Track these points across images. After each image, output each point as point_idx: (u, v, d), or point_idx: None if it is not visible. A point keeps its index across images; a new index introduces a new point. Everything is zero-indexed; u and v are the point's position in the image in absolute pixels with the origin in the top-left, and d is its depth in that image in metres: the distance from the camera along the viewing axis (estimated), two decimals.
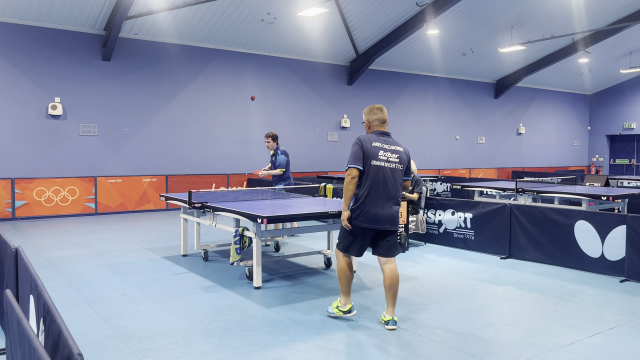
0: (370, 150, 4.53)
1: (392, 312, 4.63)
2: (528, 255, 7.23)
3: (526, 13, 14.65)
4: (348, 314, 4.77)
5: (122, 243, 8.57)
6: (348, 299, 4.77)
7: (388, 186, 4.55)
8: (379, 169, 4.53)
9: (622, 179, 13.23)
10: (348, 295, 4.77)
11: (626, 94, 22.79)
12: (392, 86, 17.33)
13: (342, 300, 4.79)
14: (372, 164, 4.52)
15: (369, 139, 4.60)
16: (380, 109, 4.77)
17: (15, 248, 3.62)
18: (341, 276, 4.75)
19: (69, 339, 1.95)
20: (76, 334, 4.37)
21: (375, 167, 4.53)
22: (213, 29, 12.93)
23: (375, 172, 4.52)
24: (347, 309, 4.77)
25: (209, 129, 13.79)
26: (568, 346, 4.19)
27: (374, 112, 4.76)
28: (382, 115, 4.73)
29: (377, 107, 4.77)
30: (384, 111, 4.76)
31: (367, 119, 4.79)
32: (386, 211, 4.53)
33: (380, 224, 4.54)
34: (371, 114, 4.76)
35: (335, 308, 4.81)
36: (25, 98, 11.41)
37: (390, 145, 4.65)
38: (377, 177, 4.52)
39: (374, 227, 4.54)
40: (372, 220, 4.52)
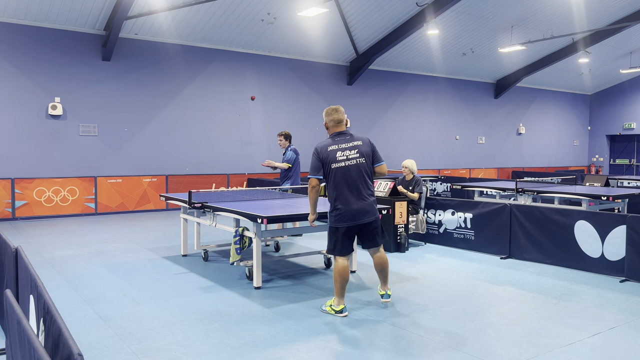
0: (327, 156, 4.80)
1: (386, 287, 5.18)
2: (528, 255, 7.23)
3: (526, 13, 14.65)
4: (340, 313, 4.87)
5: (122, 243, 8.57)
6: (342, 300, 4.90)
7: (355, 182, 4.78)
8: (341, 170, 4.78)
9: (622, 179, 13.23)
10: (342, 297, 4.90)
11: (626, 94, 22.79)
12: (392, 86, 17.33)
13: (336, 301, 4.91)
14: (332, 167, 4.78)
15: (324, 145, 4.86)
16: (336, 109, 4.97)
17: (15, 248, 3.62)
18: (337, 278, 4.87)
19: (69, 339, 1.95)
20: (76, 334, 4.37)
21: (336, 169, 4.78)
22: (213, 29, 12.93)
23: (339, 173, 4.78)
24: (340, 309, 4.89)
25: (209, 129, 13.79)
26: (568, 346, 4.19)
27: (329, 113, 4.98)
28: (338, 115, 4.96)
29: (332, 109, 4.98)
30: (339, 111, 4.97)
31: (325, 122, 5.03)
32: (361, 205, 4.78)
33: (359, 219, 4.79)
34: (328, 116, 4.99)
35: (329, 307, 4.95)
36: (25, 98, 11.42)
37: (347, 143, 4.87)
38: (343, 177, 4.77)
39: (354, 223, 4.80)
40: (350, 218, 4.78)
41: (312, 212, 4.98)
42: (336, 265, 4.90)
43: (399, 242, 7.88)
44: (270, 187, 9.28)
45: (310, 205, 4.95)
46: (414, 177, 8.50)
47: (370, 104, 16.86)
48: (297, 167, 9.00)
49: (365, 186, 4.85)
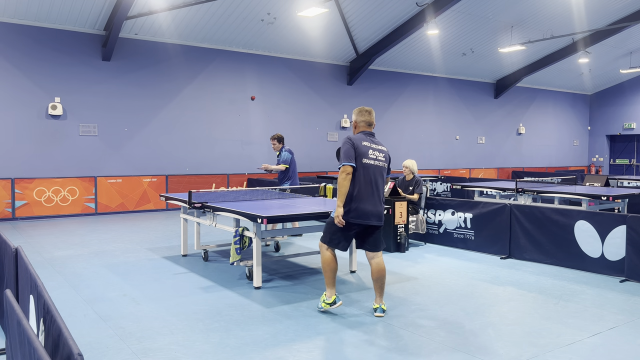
0: (361, 149, 4.75)
1: (381, 301, 4.94)
2: (528, 255, 7.24)
3: (526, 13, 14.65)
4: (333, 305, 4.87)
5: (122, 243, 8.57)
6: (333, 290, 4.88)
7: (377, 183, 4.79)
8: (369, 167, 4.75)
9: (622, 179, 13.23)
10: (333, 287, 4.89)
11: (626, 94, 22.79)
12: (392, 86, 17.34)
13: (327, 293, 4.90)
14: (363, 162, 4.73)
15: (358, 138, 4.82)
16: (369, 112, 4.98)
17: (15, 248, 3.62)
18: (326, 268, 4.87)
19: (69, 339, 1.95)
20: (76, 334, 4.37)
21: (366, 165, 4.74)
22: (213, 29, 12.93)
23: (366, 170, 4.74)
24: (332, 301, 4.87)
25: (209, 129, 13.79)
26: (568, 346, 4.19)
27: (362, 114, 4.96)
28: (370, 118, 4.97)
29: (366, 110, 4.97)
30: (372, 114, 4.99)
31: (355, 119, 5.01)
32: (374, 207, 4.75)
33: (368, 220, 4.74)
34: (360, 115, 4.97)
35: (323, 302, 4.92)
36: (25, 98, 11.42)
37: (377, 145, 4.89)
38: (367, 175, 4.74)
39: (363, 222, 4.73)
40: (361, 216, 4.71)
41: (341, 204, 4.69)
42: (324, 254, 4.88)
43: (399, 242, 7.88)
44: (270, 187, 9.28)
45: (340, 195, 4.67)
46: (414, 177, 8.50)
47: (370, 104, 16.85)
48: (294, 167, 9.05)
49: (381, 191, 4.86)
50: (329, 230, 4.89)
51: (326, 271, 4.88)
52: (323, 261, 4.89)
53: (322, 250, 4.91)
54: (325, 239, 4.90)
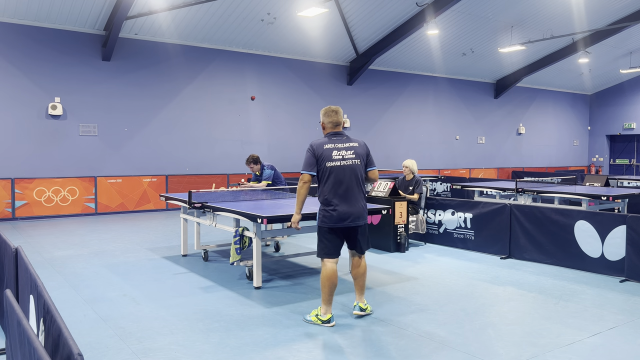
0: (323, 154, 4.62)
1: (362, 300, 4.90)
2: (528, 255, 7.23)
3: (526, 13, 14.65)
4: (327, 323, 4.60)
5: (122, 243, 8.57)
6: (329, 307, 4.65)
7: (349, 184, 4.61)
8: (335, 169, 4.60)
9: (622, 179, 13.23)
10: (330, 304, 4.65)
11: (626, 94, 22.78)
12: (392, 86, 17.33)
13: (323, 309, 4.65)
14: (327, 166, 4.59)
15: (320, 143, 4.69)
16: (336, 111, 4.82)
17: (15, 248, 3.62)
18: (324, 283, 4.64)
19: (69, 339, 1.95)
20: (76, 334, 4.37)
21: (331, 167, 4.60)
22: (213, 29, 12.93)
23: (333, 172, 4.60)
24: (327, 319, 4.62)
25: (209, 129, 13.79)
26: (568, 346, 4.19)
27: (329, 114, 4.81)
28: (337, 118, 4.81)
29: (332, 110, 4.82)
30: (339, 114, 4.82)
31: (322, 121, 4.87)
32: (353, 208, 4.60)
33: (350, 222, 4.61)
34: (326, 117, 4.82)
35: (314, 316, 4.67)
36: (25, 98, 11.41)
37: (343, 144, 4.71)
38: (336, 177, 4.59)
39: (344, 225, 4.61)
40: (340, 219, 4.58)
41: (298, 211, 4.72)
42: (324, 269, 4.66)
43: (399, 242, 7.88)
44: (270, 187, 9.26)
45: (298, 202, 4.68)
46: (414, 177, 8.50)
47: (370, 104, 16.86)
48: (280, 179, 8.84)
49: (359, 189, 4.67)
50: (318, 240, 4.74)
51: (325, 286, 4.64)
52: (323, 275, 4.66)
53: (324, 265, 4.71)
54: (319, 253, 4.74)
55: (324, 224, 4.64)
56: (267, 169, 8.73)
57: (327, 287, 4.63)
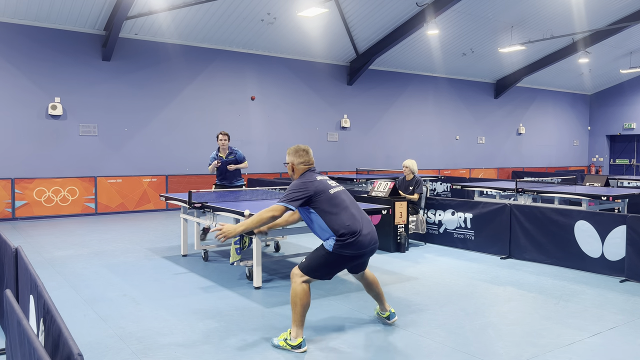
0: (320, 184, 4.19)
1: (388, 305, 4.67)
2: (528, 255, 7.23)
3: (526, 13, 14.65)
4: (297, 349, 4.04)
5: (122, 243, 8.57)
6: (300, 330, 4.09)
7: (357, 206, 4.31)
8: (342, 194, 4.26)
9: (622, 179, 13.23)
10: (302, 326, 4.10)
11: (626, 94, 22.79)
12: (392, 86, 17.33)
13: (294, 332, 4.08)
14: (331, 193, 4.18)
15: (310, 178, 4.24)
16: (307, 151, 4.37)
17: (15, 248, 3.62)
18: (297, 303, 4.06)
19: (69, 339, 1.95)
20: (76, 334, 4.37)
21: (337, 193, 4.22)
22: (213, 29, 12.93)
23: (341, 197, 4.21)
24: (297, 343, 4.04)
25: (209, 129, 13.79)
26: (568, 346, 4.19)
27: (301, 155, 4.34)
28: (309, 157, 4.37)
29: (303, 150, 4.36)
30: (309, 153, 4.39)
31: (292, 162, 4.35)
32: (372, 230, 4.22)
33: (373, 245, 4.21)
34: (298, 157, 4.33)
35: (283, 340, 4.11)
36: (25, 98, 11.42)
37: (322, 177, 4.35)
38: (347, 201, 4.24)
39: (368, 250, 4.17)
40: (367, 244, 4.14)
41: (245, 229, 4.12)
42: (299, 287, 4.07)
43: (399, 242, 7.88)
44: (270, 187, 9.28)
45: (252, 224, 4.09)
46: (415, 177, 8.50)
47: (370, 104, 16.86)
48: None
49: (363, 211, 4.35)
50: (318, 261, 4.14)
51: (297, 306, 4.06)
52: (297, 294, 4.07)
53: (296, 281, 4.11)
54: (311, 270, 4.13)
55: (344, 251, 4.06)
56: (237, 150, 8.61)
57: (298, 306, 4.07)
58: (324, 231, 4.16)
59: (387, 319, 4.60)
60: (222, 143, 8.46)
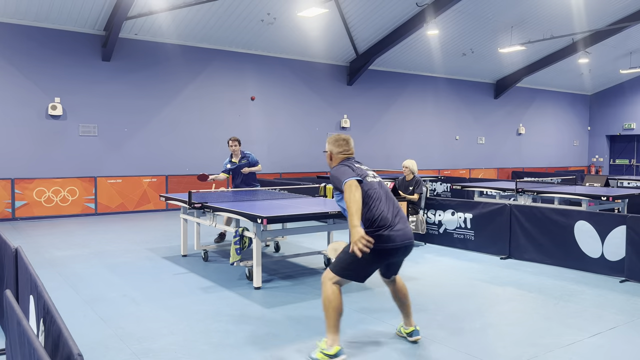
0: (358, 171, 3.99)
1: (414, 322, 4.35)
2: (528, 256, 7.23)
3: (526, 13, 14.65)
4: (335, 358, 3.80)
5: (122, 243, 8.57)
6: (337, 337, 3.84)
7: (394, 200, 4.06)
8: (377, 184, 4.05)
9: (622, 179, 13.23)
10: (337, 332, 3.85)
11: (626, 94, 22.79)
12: (392, 86, 17.33)
13: (329, 340, 3.84)
14: (368, 181, 3.99)
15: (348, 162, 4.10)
16: (348, 141, 4.22)
17: (15, 248, 3.62)
18: (330, 308, 3.83)
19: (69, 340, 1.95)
20: (76, 335, 4.37)
21: (372, 182, 4.02)
22: (213, 29, 12.93)
23: (375, 188, 4.01)
24: (335, 352, 3.80)
25: (209, 129, 13.79)
26: (568, 346, 4.19)
27: (340, 144, 4.19)
28: (349, 147, 4.21)
29: (344, 139, 4.21)
30: (350, 143, 4.23)
31: (331, 150, 4.20)
32: (407, 228, 3.98)
33: (408, 238, 3.94)
34: (338, 147, 4.18)
35: (320, 352, 3.83)
36: (25, 98, 11.41)
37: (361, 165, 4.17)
38: (380, 192, 4.00)
39: (405, 243, 3.90)
40: (396, 239, 3.85)
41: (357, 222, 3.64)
42: (331, 293, 3.83)
43: None
44: (271, 187, 9.28)
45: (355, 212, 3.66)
46: (414, 177, 8.50)
47: (370, 104, 16.86)
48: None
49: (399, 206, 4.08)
50: (350, 259, 3.80)
51: (328, 310, 3.82)
52: (326, 297, 3.84)
53: (326, 283, 3.88)
54: (336, 268, 3.89)
55: (386, 244, 3.82)
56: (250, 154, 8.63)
57: (330, 310, 3.83)
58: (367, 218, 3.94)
59: (410, 335, 4.26)
60: (234, 149, 8.48)
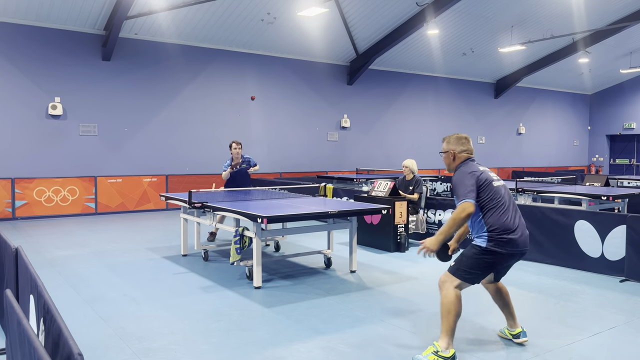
0: (484, 175, 3.95)
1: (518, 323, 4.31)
2: (528, 255, 7.22)
3: (526, 13, 14.65)
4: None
5: (122, 243, 8.57)
6: (452, 340, 3.82)
7: (515, 206, 4.02)
8: (503, 188, 4.00)
9: (622, 179, 13.23)
10: (453, 336, 3.83)
11: (626, 94, 22.78)
12: (392, 86, 17.33)
13: (444, 343, 3.79)
14: (495, 185, 3.94)
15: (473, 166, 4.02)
16: (467, 139, 4.16)
17: (15, 248, 3.62)
18: (451, 310, 3.81)
19: (69, 339, 1.95)
20: (76, 334, 4.37)
21: (499, 187, 3.97)
22: (213, 29, 12.93)
23: (502, 192, 3.96)
24: (451, 355, 3.78)
25: (209, 129, 13.79)
26: (568, 346, 4.19)
27: (463, 143, 4.13)
28: (470, 146, 4.16)
29: (465, 138, 4.15)
30: (470, 142, 4.18)
31: (452, 149, 4.13)
32: (526, 234, 3.95)
33: (526, 248, 3.93)
34: (461, 145, 4.12)
35: (433, 354, 3.78)
36: (25, 98, 11.41)
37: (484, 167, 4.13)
38: (507, 197, 3.98)
39: (523, 250, 3.90)
40: (520, 244, 3.86)
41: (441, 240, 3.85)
42: (451, 293, 3.83)
43: (399, 241, 7.88)
44: (270, 187, 9.28)
45: (447, 231, 3.81)
46: (415, 177, 8.50)
47: (370, 104, 16.86)
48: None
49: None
50: (471, 262, 3.87)
51: (450, 313, 3.80)
52: (447, 301, 3.82)
53: (447, 287, 3.86)
54: (459, 271, 3.88)
55: (503, 248, 3.81)
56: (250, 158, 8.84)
57: (452, 313, 3.81)
58: (478, 225, 3.93)
59: (516, 337, 4.21)
60: (237, 152, 8.64)
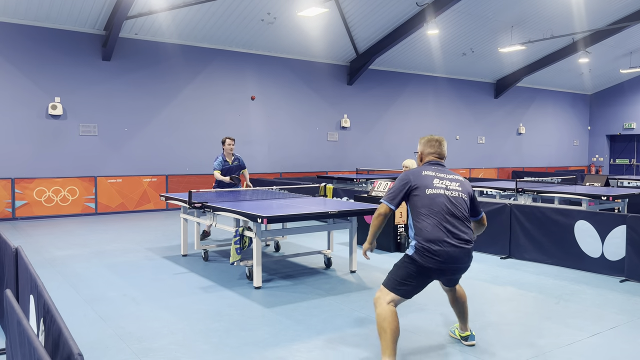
0: (419, 180, 3.79)
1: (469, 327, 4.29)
2: (528, 255, 7.23)
3: (526, 13, 14.64)
4: None
5: (122, 243, 8.57)
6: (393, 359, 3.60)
7: (455, 217, 3.72)
8: (438, 197, 3.73)
9: (622, 179, 13.23)
10: (394, 356, 3.59)
11: (626, 94, 22.78)
12: (392, 86, 17.33)
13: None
14: (426, 194, 3.74)
15: (417, 170, 3.91)
16: (441, 142, 4.07)
17: (15, 248, 3.62)
18: (385, 328, 3.58)
19: (69, 339, 1.95)
20: (76, 334, 4.37)
21: (432, 195, 3.73)
22: (213, 29, 12.93)
23: (435, 201, 3.72)
24: None
25: (209, 129, 13.79)
26: (568, 346, 4.19)
27: (432, 145, 4.05)
28: (442, 150, 4.05)
29: (437, 140, 4.07)
30: (443, 145, 4.07)
31: (421, 151, 4.10)
32: (458, 249, 3.68)
33: (454, 263, 3.71)
34: (429, 147, 4.05)
35: None
36: (25, 98, 11.41)
37: (447, 175, 3.89)
38: (440, 207, 3.71)
39: (446, 267, 3.68)
40: (448, 260, 3.66)
41: (370, 240, 3.91)
42: (382, 308, 3.62)
43: (399, 242, 7.88)
44: (270, 187, 9.27)
45: (371, 234, 3.87)
46: None
47: (370, 104, 16.86)
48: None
49: (466, 226, 3.78)
50: (399, 271, 3.72)
51: (385, 331, 3.57)
52: (381, 320, 3.60)
53: (380, 303, 3.65)
54: (391, 283, 3.70)
55: (422, 261, 3.64)
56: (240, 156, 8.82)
57: (387, 331, 3.58)
58: (410, 232, 3.86)
59: (465, 339, 4.23)
60: (231, 148, 8.64)
